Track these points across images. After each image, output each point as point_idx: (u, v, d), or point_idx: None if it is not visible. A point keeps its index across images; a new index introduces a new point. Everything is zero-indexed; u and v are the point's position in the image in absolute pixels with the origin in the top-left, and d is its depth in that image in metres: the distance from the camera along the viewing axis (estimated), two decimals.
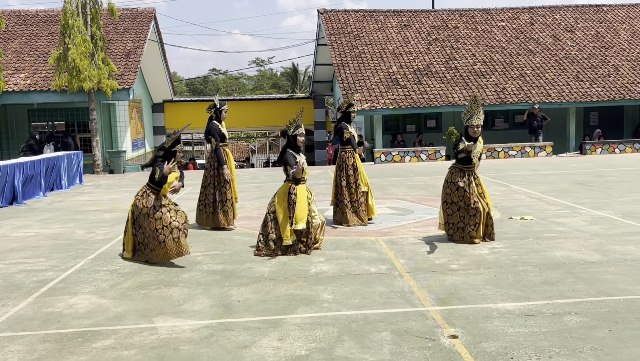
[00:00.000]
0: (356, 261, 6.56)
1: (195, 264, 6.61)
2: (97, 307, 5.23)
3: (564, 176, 14.24)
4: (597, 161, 18.28)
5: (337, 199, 8.68)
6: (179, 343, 4.35)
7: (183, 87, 56.02)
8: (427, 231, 8.06)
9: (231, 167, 8.59)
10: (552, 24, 26.12)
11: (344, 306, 5.04)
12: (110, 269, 6.54)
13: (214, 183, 8.48)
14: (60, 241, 8.24)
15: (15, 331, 4.70)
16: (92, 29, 18.79)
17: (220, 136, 8.48)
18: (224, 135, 8.57)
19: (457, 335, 4.32)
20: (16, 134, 21.19)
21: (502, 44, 24.70)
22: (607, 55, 24.02)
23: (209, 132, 8.50)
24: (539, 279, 5.66)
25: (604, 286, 5.37)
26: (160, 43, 24.66)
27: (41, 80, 19.73)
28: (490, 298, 5.15)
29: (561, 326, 4.43)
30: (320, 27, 26.19)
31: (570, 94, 21.72)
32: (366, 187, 8.70)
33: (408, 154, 20.68)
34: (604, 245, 6.97)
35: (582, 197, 10.67)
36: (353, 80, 22.15)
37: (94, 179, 17.16)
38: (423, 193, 12.07)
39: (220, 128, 8.52)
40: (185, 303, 5.27)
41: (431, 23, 26.17)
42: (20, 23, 23.22)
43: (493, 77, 22.50)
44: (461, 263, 6.36)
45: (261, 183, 14.97)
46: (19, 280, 6.20)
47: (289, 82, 54.38)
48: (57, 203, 12.18)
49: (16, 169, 12.21)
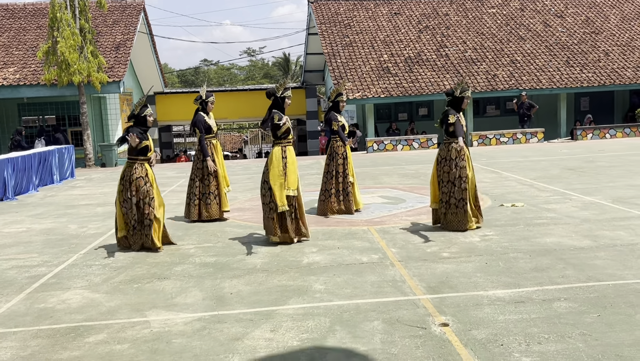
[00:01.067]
0: (348, 251, 6.59)
1: (188, 257, 6.62)
2: (89, 302, 5.24)
3: (555, 162, 14.31)
4: (588, 146, 18.36)
5: (324, 189, 8.71)
6: (171, 336, 4.37)
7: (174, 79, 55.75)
8: (419, 220, 8.09)
9: (219, 160, 8.58)
10: (543, 10, 26.12)
11: (335, 296, 5.07)
12: (102, 263, 6.54)
13: (199, 175, 8.50)
14: (52, 236, 8.22)
15: (8, 327, 4.71)
16: (81, 22, 18.65)
17: (205, 127, 8.48)
18: (210, 127, 8.55)
19: (448, 323, 4.36)
20: (6, 129, 21.07)
21: (493, 30, 24.69)
22: (597, 40, 24.06)
23: (195, 124, 8.53)
24: (529, 266, 5.70)
25: (594, 272, 5.42)
26: (150, 35, 24.50)
27: (30, 74, 19.59)
28: (480, 285, 5.20)
29: (551, 313, 4.47)
30: (310, 17, 26.09)
31: (561, 79, 21.76)
32: (352, 177, 8.72)
33: (400, 143, 20.69)
34: (593, 231, 7.02)
35: (573, 183, 10.73)
36: (344, 69, 22.10)
37: (85, 173, 17.10)
38: (415, 181, 12.10)
39: (206, 120, 8.51)
40: (177, 296, 5.29)
41: (421, 11, 26.11)
42: (8, 17, 23.01)
43: (484, 64, 22.50)
44: (452, 251, 6.40)
45: (253, 173, 14.96)
46: (11, 276, 6.20)
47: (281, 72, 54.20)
48: (49, 198, 12.15)
49: (7, 164, 12.15)
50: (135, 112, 6.99)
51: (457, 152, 7.14)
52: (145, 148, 6.93)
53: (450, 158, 7.17)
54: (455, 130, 7.14)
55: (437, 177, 7.32)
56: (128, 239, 7.03)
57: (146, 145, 6.95)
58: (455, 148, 7.15)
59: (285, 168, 6.84)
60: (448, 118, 7.15)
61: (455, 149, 7.15)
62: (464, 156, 7.16)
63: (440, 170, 7.27)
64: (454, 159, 7.13)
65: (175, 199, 11.01)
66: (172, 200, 10.91)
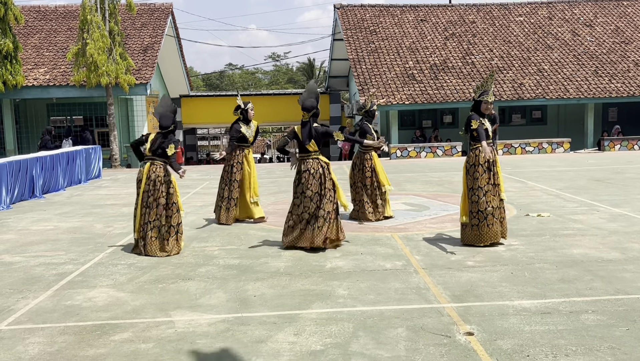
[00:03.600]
0: (372, 257, 6.57)
1: (212, 259, 6.66)
2: (115, 300, 5.30)
3: (582, 172, 14.11)
4: (616, 157, 18.07)
5: (356, 198, 8.72)
6: (195, 336, 4.39)
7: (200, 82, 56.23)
8: (442, 228, 8.04)
9: (251, 170, 8.66)
10: (571, 19, 25.83)
11: (359, 302, 5.05)
12: (127, 263, 6.61)
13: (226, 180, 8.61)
14: (78, 234, 8.34)
15: (36, 323, 4.78)
16: (110, 25, 18.94)
17: (238, 136, 8.58)
18: (244, 136, 8.63)
19: (473, 332, 4.31)
20: (35, 129, 21.45)
21: (520, 39, 24.48)
22: (626, 50, 23.70)
23: (228, 131, 8.69)
24: (556, 276, 5.62)
25: (622, 285, 5.33)
26: (177, 38, 24.78)
27: (60, 75, 19.94)
28: (506, 295, 5.14)
29: (578, 325, 4.40)
30: (336, 22, 26.14)
31: (589, 89, 21.47)
32: (387, 186, 8.71)
33: (424, 150, 20.60)
34: (622, 243, 6.90)
35: (600, 194, 10.56)
36: (369, 75, 22.09)
37: (111, 174, 17.32)
38: (439, 189, 12.03)
39: (241, 129, 8.61)
40: (201, 297, 5.32)
41: (448, 18, 26.00)
42: (39, 18, 23.47)
43: (510, 73, 22.31)
44: (477, 259, 6.34)
45: (277, 177, 15.01)
46: (38, 273, 6.29)
47: (305, 77, 54.35)
48: (75, 197, 12.32)
49: (35, 163, 12.37)
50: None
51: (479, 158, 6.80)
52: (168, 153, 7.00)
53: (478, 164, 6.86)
54: (478, 134, 6.81)
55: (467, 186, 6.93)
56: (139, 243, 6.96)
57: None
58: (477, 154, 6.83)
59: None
60: (470, 123, 6.87)
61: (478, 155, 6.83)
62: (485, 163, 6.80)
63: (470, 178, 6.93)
64: (483, 164, 6.82)
65: (199, 201, 11.09)
66: (196, 202, 11.00)
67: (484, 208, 6.76)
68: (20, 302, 5.32)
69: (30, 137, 21.33)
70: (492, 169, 6.82)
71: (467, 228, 6.95)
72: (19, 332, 4.58)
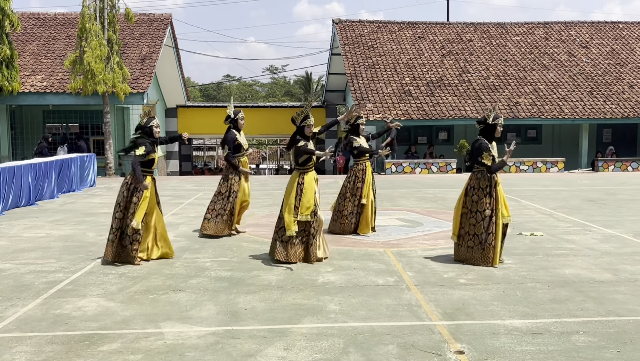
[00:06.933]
0: (364, 272, 6.56)
1: (203, 270, 6.63)
2: (104, 310, 5.26)
3: (575, 192, 14.16)
4: (609, 178, 18.16)
5: (337, 209, 8.73)
6: (185, 349, 4.36)
7: (197, 93, 56.29)
8: (436, 245, 8.03)
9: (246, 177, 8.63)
10: (567, 40, 26.06)
11: (350, 318, 5.03)
12: (119, 272, 6.57)
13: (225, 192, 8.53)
14: (70, 242, 8.29)
15: (24, 331, 4.74)
16: (109, 33, 18.98)
17: (235, 145, 8.47)
18: (240, 145, 8.56)
19: (464, 351, 4.30)
20: (31, 135, 21.40)
21: (516, 58, 24.66)
22: (621, 72, 23.91)
23: (225, 141, 8.52)
24: (548, 296, 5.62)
25: (614, 306, 5.33)
26: (176, 49, 24.85)
27: (57, 82, 19.94)
28: (497, 314, 5.13)
29: (569, 346, 4.39)
30: (334, 37, 26.29)
31: (584, 110, 21.62)
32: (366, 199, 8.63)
33: (419, 166, 20.65)
34: (614, 264, 6.91)
35: (594, 214, 10.59)
36: (366, 90, 22.18)
37: (106, 182, 17.27)
38: (433, 205, 12.04)
39: (237, 137, 8.51)
40: (192, 309, 5.29)
41: (445, 35, 26.18)
42: (38, 25, 23.50)
43: (506, 91, 22.45)
44: (469, 277, 6.33)
45: (271, 190, 15.00)
46: (28, 281, 6.25)
47: (302, 90, 54.52)
48: (68, 205, 12.27)
49: (29, 170, 12.32)
50: (142, 123, 7.05)
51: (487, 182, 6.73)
52: (150, 161, 6.98)
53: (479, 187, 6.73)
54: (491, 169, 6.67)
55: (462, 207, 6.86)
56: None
57: (152, 158, 6.99)
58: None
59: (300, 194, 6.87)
60: (481, 157, 6.64)
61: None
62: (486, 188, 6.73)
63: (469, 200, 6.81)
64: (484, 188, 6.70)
65: (192, 212, 11.06)
66: (189, 213, 10.96)
67: (480, 232, 6.71)
68: (9, 310, 5.27)
69: (26, 144, 21.27)
70: (492, 194, 6.71)
71: (462, 247, 6.93)
72: (6, 340, 4.54)
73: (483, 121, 6.89)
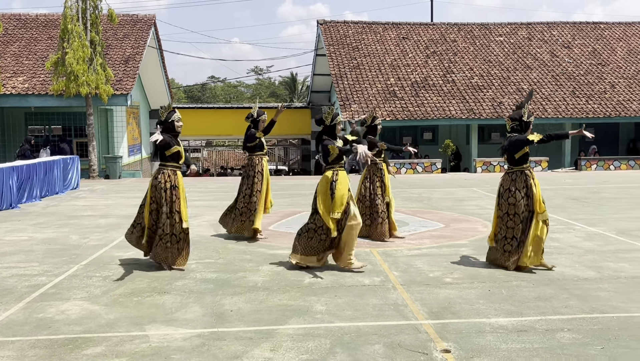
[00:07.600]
0: (350, 272, 6.55)
1: (189, 272, 6.59)
2: (88, 313, 5.20)
3: (559, 191, 14.28)
4: (592, 177, 18.34)
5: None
6: (170, 351, 4.32)
7: (181, 94, 56.03)
8: (421, 244, 8.06)
9: (265, 178, 8.56)
10: (550, 40, 26.30)
11: (336, 318, 5.02)
12: (103, 275, 6.51)
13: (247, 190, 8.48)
14: (53, 245, 8.20)
15: (6, 336, 4.67)
16: (92, 34, 18.82)
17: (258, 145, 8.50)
18: (262, 144, 8.58)
19: (450, 350, 4.31)
20: (12, 138, 21.15)
21: (500, 58, 24.84)
22: (603, 72, 24.19)
23: (248, 139, 8.46)
24: (533, 294, 5.66)
25: (597, 303, 5.37)
26: (160, 50, 24.70)
27: (39, 84, 19.72)
28: (483, 312, 5.15)
29: (554, 343, 4.42)
30: (319, 38, 26.31)
31: (567, 109, 21.84)
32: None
33: (404, 166, 20.70)
34: (597, 262, 6.98)
35: (577, 213, 10.69)
36: (351, 91, 22.21)
37: (89, 184, 17.12)
38: (418, 205, 12.08)
39: (256, 134, 8.49)
40: (177, 311, 5.25)
41: (429, 36, 26.31)
42: (20, 27, 23.24)
43: (490, 91, 22.60)
44: (455, 276, 6.35)
45: None
46: (10, 284, 6.16)
47: (287, 91, 54.50)
48: (51, 207, 12.14)
49: (11, 172, 12.17)
50: (162, 118, 6.62)
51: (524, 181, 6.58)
52: (176, 154, 6.62)
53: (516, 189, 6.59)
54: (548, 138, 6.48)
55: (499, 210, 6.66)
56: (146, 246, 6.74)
57: (177, 150, 6.62)
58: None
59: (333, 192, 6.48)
60: (524, 147, 6.51)
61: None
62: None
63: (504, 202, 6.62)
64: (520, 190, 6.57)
65: None
66: None
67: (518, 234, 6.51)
68: None
69: (7, 147, 21.01)
70: (529, 195, 6.56)
71: (498, 251, 6.68)
72: None
73: (518, 118, 6.68)
